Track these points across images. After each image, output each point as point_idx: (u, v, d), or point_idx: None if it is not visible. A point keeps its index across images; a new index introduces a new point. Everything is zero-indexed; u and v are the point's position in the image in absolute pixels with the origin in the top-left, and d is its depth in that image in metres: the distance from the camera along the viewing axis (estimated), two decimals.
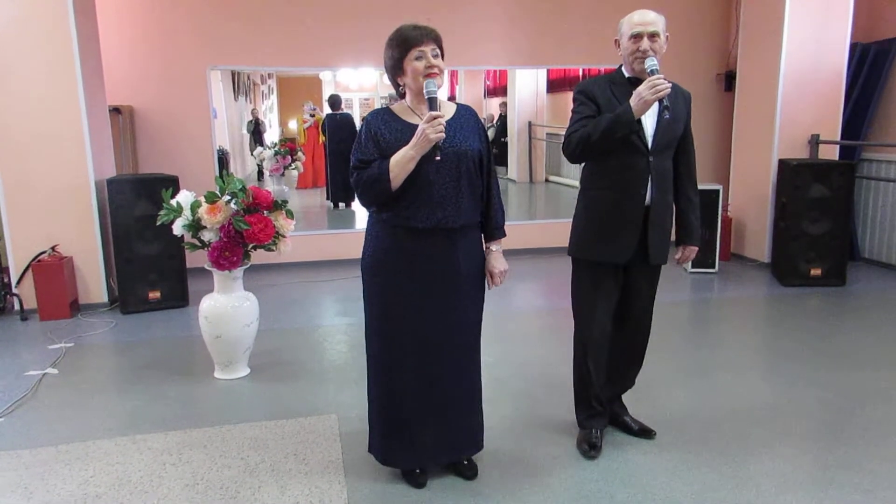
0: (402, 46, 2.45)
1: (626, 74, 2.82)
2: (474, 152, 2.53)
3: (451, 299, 2.57)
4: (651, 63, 2.64)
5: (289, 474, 2.83)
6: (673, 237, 2.99)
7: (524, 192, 11.12)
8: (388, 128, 2.49)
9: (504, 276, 2.73)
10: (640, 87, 2.59)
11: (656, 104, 2.68)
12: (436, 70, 2.44)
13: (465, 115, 2.60)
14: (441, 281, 2.54)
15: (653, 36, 2.70)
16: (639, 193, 2.77)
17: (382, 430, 2.69)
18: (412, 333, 2.56)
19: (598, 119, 2.69)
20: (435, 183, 2.45)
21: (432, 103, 2.40)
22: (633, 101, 2.61)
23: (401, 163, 2.40)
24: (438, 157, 2.40)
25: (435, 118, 2.35)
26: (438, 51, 2.48)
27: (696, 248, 3.04)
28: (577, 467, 2.86)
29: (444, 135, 2.37)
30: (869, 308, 5.22)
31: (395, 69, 2.50)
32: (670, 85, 2.60)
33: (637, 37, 2.70)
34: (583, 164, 2.94)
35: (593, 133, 2.67)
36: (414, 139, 2.38)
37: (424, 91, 2.42)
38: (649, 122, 2.75)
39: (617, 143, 2.68)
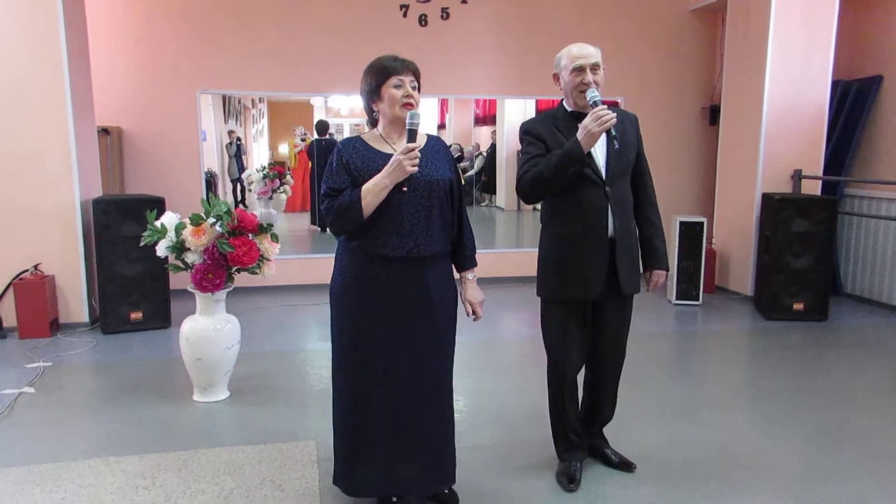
0: (382, 74, 2.48)
1: (569, 109, 2.82)
2: (445, 182, 2.55)
3: (421, 328, 2.54)
4: (593, 95, 2.64)
5: (263, 501, 2.79)
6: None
7: (512, 219, 11.16)
8: (359, 156, 2.50)
9: (481, 305, 2.73)
10: (586, 120, 2.58)
11: (604, 134, 2.64)
12: (412, 101, 2.47)
13: (435, 145, 2.63)
14: (411, 310, 2.52)
15: (594, 68, 2.71)
16: (600, 225, 2.76)
17: (349, 460, 2.62)
18: (381, 363, 2.52)
19: (549, 156, 2.68)
20: (406, 212, 2.46)
21: (412, 135, 2.42)
22: (580, 135, 2.59)
23: (373, 191, 2.40)
24: (405, 189, 2.43)
25: (411, 149, 2.37)
26: (417, 83, 2.52)
27: (665, 272, 2.99)
28: (557, 500, 2.84)
29: (417, 168, 2.39)
30: (850, 343, 5.24)
31: (373, 95, 2.52)
32: (615, 115, 2.58)
33: (579, 70, 2.70)
34: (541, 203, 2.92)
35: (545, 171, 2.65)
36: (388, 168, 2.39)
37: (407, 122, 2.43)
38: (600, 152, 2.74)
39: (571, 179, 2.66)
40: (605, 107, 2.58)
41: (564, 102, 2.86)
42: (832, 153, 6.54)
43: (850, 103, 6.51)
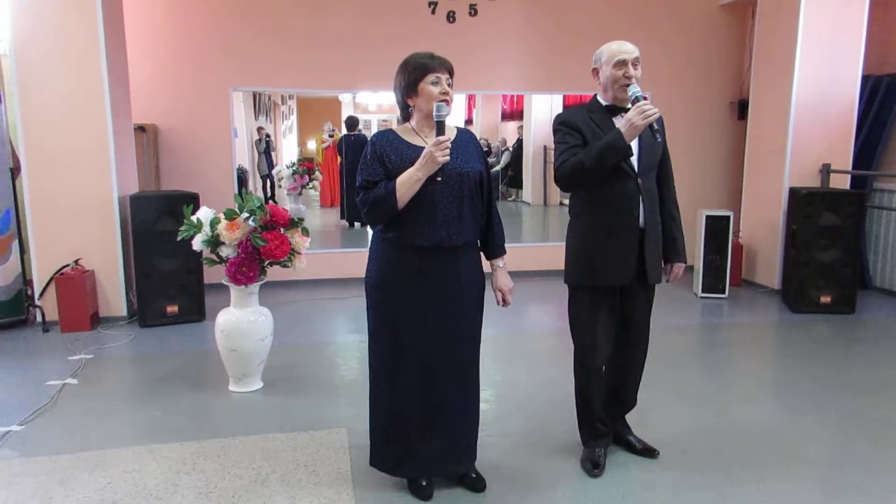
0: (420, 70, 2.58)
1: (604, 103, 2.90)
2: (475, 173, 2.65)
3: (453, 315, 2.67)
4: (635, 90, 2.73)
5: (298, 485, 2.90)
6: None
7: (538, 214, 11.20)
8: (393, 149, 2.60)
9: (511, 293, 2.84)
10: (630, 114, 2.66)
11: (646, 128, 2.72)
12: (448, 97, 2.57)
13: (465, 138, 2.72)
14: (443, 297, 2.64)
15: (635, 62, 2.80)
16: (632, 216, 2.85)
17: (387, 443, 2.76)
18: (415, 349, 2.65)
19: (590, 147, 2.75)
20: (439, 203, 2.56)
21: (440, 127, 2.52)
22: (623, 127, 2.67)
23: (407, 183, 2.51)
24: (440, 179, 2.53)
25: (442, 142, 2.47)
26: (451, 80, 2.62)
27: (684, 265, 3.09)
28: (581, 484, 2.92)
29: (448, 158, 2.49)
30: (877, 336, 5.23)
31: (409, 90, 2.61)
32: (658, 110, 2.67)
33: (622, 63, 2.79)
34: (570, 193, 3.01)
35: (586, 160, 2.72)
36: (420, 161, 2.49)
37: (434, 114, 2.53)
38: (633, 145, 2.80)
39: (609, 169, 2.75)
40: (648, 102, 2.67)
41: (599, 96, 2.93)
42: (861, 147, 6.49)
43: (881, 98, 6.45)
